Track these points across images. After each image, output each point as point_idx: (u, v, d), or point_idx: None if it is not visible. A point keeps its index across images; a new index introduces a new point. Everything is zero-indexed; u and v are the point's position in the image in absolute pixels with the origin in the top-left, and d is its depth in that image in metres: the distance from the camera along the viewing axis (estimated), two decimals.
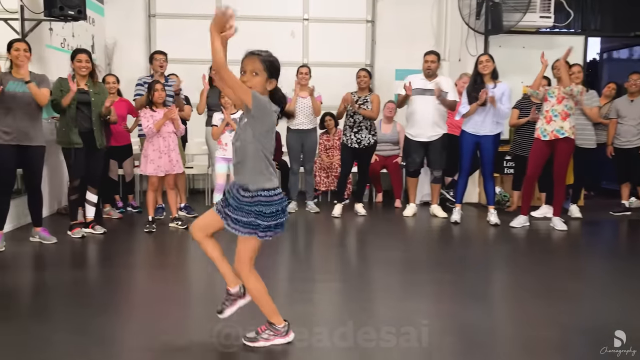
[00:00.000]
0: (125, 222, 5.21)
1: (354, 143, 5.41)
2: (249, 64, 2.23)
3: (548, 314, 2.93)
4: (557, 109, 4.75)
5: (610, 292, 3.40)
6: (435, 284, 3.50)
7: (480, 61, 4.99)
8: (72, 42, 5.94)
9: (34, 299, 3.23)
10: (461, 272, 3.79)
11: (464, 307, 3.02)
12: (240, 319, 2.54)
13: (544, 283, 3.49)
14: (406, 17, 7.16)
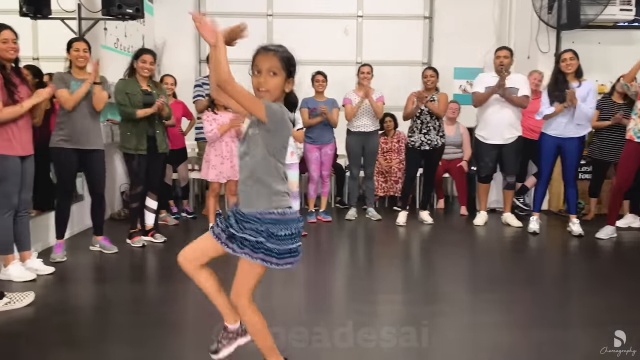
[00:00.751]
0: (183, 229, 5.00)
1: (424, 145, 5.06)
2: (264, 62, 1.88)
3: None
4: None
5: None
6: (515, 304, 3.15)
7: (563, 59, 4.58)
8: (124, 42, 5.78)
9: (94, 318, 2.96)
10: (544, 291, 3.42)
11: (546, 333, 2.66)
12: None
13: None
14: (466, 13, 6.80)
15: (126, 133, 4.11)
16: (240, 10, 6.77)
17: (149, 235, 4.35)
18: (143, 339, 2.59)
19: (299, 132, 4.67)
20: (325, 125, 5.24)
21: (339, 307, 3.15)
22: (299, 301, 3.27)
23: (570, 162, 4.68)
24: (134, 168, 4.13)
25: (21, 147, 3.22)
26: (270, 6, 6.85)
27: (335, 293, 3.51)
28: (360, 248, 4.84)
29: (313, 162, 5.23)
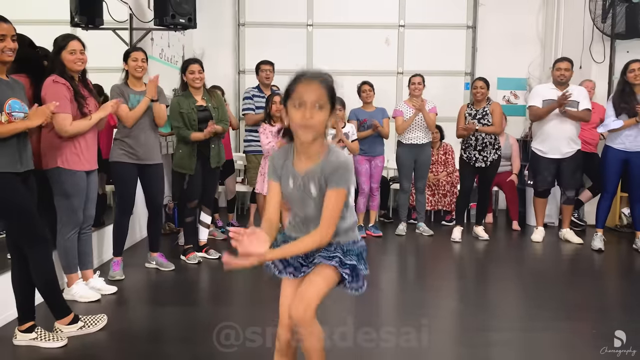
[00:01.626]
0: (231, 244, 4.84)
1: (479, 162, 4.90)
2: (309, 94, 1.62)
3: None
4: None
5: None
6: (575, 333, 2.91)
7: (631, 69, 4.41)
8: (167, 52, 5.70)
9: (156, 344, 2.78)
10: (612, 318, 3.16)
11: None
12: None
13: None
14: (510, 22, 6.66)
15: (178, 150, 4.00)
16: (281, 21, 6.70)
17: (203, 251, 4.22)
18: None
19: (353, 144, 4.53)
20: (376, 136, 5.10)
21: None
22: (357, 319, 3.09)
23: (638, 176, 4.49)
24: (189, 182, 4.00)
25: (88, 161, 3.10)
26: (310, 16, 6.75)
27: (396, 307, 3.33)
28: (415, 264, 4.67)
29: (363, 175, 5.08)
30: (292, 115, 1.65)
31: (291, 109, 1.65)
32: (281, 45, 6.65)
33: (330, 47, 6.70)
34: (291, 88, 1.66)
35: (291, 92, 1.65)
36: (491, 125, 4.88)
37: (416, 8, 6.72)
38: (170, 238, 4.84)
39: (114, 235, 3.70)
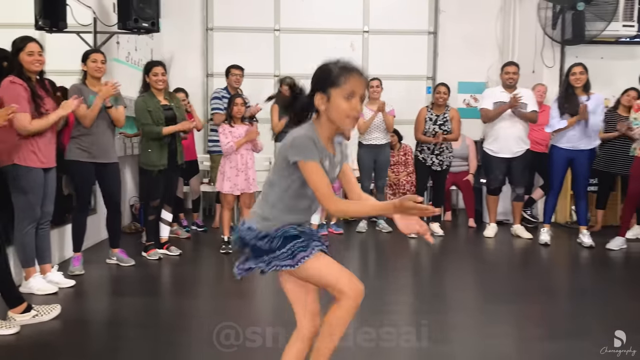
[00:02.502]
0: (195, 242, 4.98)
1: (435, 165, 5.15)
2: (361, 87, 1.70)
3: None
4: None
5: None
6: (522, 314, 3.18)
7: (573, 72, 4.69)
8: (135, 55, 5.81)
9: (115, 330, 2.93)
10: (553, 302, 3.44)
11: (557, 345, 2.67)
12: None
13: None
14: (469, 29, 6.91)
15: (147, 149, 4.12)
16: (248, 26, 6.86)
17: (164, 248, 4.34)
18: (161, 352, 2.58)
19: None
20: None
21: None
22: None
23: (582, 174, 4.76)
24: (152, 182, 4.13)
25: (45, 159, 3.22)
26: (277, 21, 6.93)
27: None
28: (373, 259, 4.86)
29: None
30: (339, 104, 1.67)
31: (339, 98, 1.67)
32: (249, 49, 6.81)
33: (297, 52, 6.88)
34: (341, 78, 1.67)
35: (341, 82, 1.67)
36: (451, 134, 5.17)
37: (380, 15, 6.94)
38: (136, 237, 4.95)
39: (73, 232, 3.81)
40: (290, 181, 1.73)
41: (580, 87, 4.68)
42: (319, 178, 1.66)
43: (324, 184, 1.67)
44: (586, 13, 5.54)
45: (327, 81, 1.69)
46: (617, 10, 5.65)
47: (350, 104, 1.67)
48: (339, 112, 1.68)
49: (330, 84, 1.68)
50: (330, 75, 1.69)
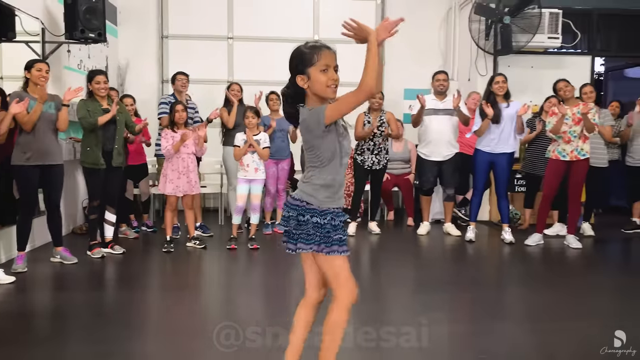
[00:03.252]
0: (142, 242, 5.22)
1: (374, 165, 5.49)
2: (332, 59, 1.95)
3: (569, 332, 2.94)
4: (575, 130, 4.83)
5: (630, 310, 3.42)
6: (451, 303, 3.52)
7: (496, 81, 5.08)
8: (88, 63, 6.03)
9: (55, 321, 3.21)
10: (477, 291, 3.80)
11: (482, 326, 3.03)
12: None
13: (563, 301, 3.52)
14: (414, 38, 7.25)
15: (86, 149, 4.36)
16: (202, 34, 7.13)
17: (108, 247, 4.58)
18: (100, 338, 2.83)
19: (264, 150, 4.90)
20: (282, 141, 5.57)
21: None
22: (256, 305, 3.57)
23: (502, 176, 5.15)
24: (93, 182, 4.38)
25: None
26: (230, 30, 7.21)
27: (288, 296, 3.82)
28: None
29: (270, 177, 5.55)
30: (318, 78, 1.89)
31: (316, 73, 1.89)
32: (203, 56, 7.09)
33: (250, 59, 7.17)
34: (314, 57, 1.89)
35: (315, 60, 1.89)
36: (393, 132, 5.55)
37: (329, 24, 7.25)
38: (86, 237, 5.14)
39: (18, 233, 4.03)
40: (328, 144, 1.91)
41: (501, 95, 5.07)
42: (344, 102, 1.87)
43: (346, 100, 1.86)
44: (512, 26, 5.96)
45: (303, 62, 1.91)
46: (543, 24, 6.07)
47: (327, 75, 1.91)
48: (320, 84, 1.91)
49: (307, 64, 1.91)
50: (304, 56, 1.92)
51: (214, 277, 4.43)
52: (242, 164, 4.84)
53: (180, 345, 2.76)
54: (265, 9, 7.20)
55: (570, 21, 6.48)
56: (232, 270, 4.48)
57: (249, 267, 4.50)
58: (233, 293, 3.88)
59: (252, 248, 4.80)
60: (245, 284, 4.06)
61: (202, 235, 5.34)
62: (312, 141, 1.94)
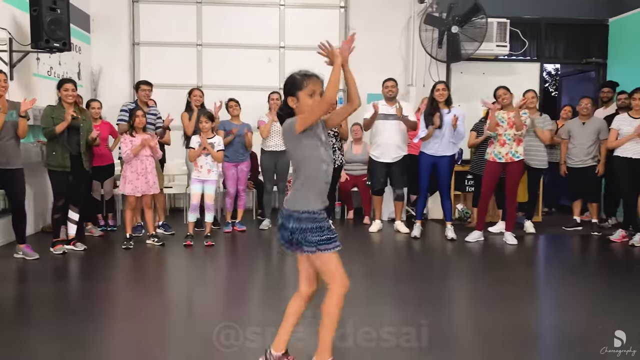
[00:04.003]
0: (106, 240, 5.52)
1: None
2: (319, 87, 2.27)
3: (505, 318, 3.25)
4: (509, 133, 5.17)
5: (545, 298, 3.77)
6: (397, 294, 3.82)
7: (437, 89, 5.41)
8: (59, 70, 6.31)
9: (16, 309, 3.54)
10: (420, 283, 4.12)
11: (426, 314, 3.29)
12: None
13: (489, 289, 3.89)
14: (377, 45, 7.58)
15: (51, 152, 4.67)
16: (172, 40, 7.43)
17: (71, 245, 4.88)
18: (62, 330, 3.14)
19: (218, 153, 5.21)
20: (241, 145, 5.88)
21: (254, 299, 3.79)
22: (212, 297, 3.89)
23: (444, 177, 5.49)
24: (56, 183, 4.68)
25: None
26: (200, 37, 7.52)
27: (245, 290, 4.14)
28: (264, 252, 5.45)
29: (230, 178, 5.87)
30: (305, 101, 2.22)
31: (304, 97, 2.22)
32: (173, 62, 7.41)
33: (218, 65, 7.49)
34: (303, 82, 2.23)
35: (304, 85, 2.23)
36: (341, 134, 5.87)
37: (294, 31, 7.59)
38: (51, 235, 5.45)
39: None
40: (304, 150, 2.22)
41: (442, 101, 5.40)
42: (311, 112, 2.18)
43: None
44: (460, 35, 6.30)
45: (294, 86, 2.25)
46: (491, 33, 6.42)
47: (313, 99, 2.23)
48: (306, 106, 2.22)
49: (297, 88, 2.24)
50: (295, 81, 2.26)
51: (167, 271, 4.73)
52: (196, 165, 5.16)
53: (131, 330, 3.08)
54: (232, 17, 7.52)
55: (518, 30, 6.83)
56: (184, 265, 4.79)
57: (202, 263, 4.81)
58: (183, 285, 4.21)
59: (207, 245, 5.11)
60: (197, 278, 4.39)
61: (164, 234, 5.65)
62: (289, 148, 2.30)
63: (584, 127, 6.01)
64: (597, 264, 5.08)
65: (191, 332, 3.01)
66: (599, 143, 5.93)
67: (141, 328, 3.12)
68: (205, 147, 5.13)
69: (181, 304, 3.74)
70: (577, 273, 4.56)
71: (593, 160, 5.94)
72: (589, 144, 5.95)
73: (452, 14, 6.27)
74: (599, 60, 7.11)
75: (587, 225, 6.19)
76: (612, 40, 7.05)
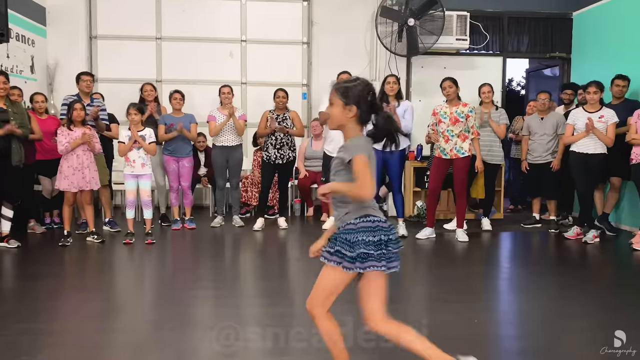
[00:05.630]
0: (47, 237, 5.36)
1: (277, 159, 5.66)
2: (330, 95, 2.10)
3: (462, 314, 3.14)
4: (452, 130, 5.05)
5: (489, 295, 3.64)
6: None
7: (387, 82, 5.27)
8: (7, 63, 6.14)
9: None
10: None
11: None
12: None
13: (433, 288, 3.73)
14: (341, 39, 7.46)
15: None
16: (130, 34, 7.27)
17: (4, 242, 4.72)
18: None
19: (150, 145, 5.09)
20: (183, 139, 5.73)
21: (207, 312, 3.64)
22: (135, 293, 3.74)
23: (394, 173, 5.35)
24: None
25: None
26: (159, 30, 7.36)
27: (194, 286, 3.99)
28: (209, 251, 5.30)
29: (171, 173, 5.72)
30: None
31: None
32: (132, 56, 7.25)
33: (178, 59, 7.33)
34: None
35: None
36: (295, 130, 5.70)
37: (256, 25, 7.43)
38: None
39: None
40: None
41: (393, 95, 5.26)
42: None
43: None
44: (418, 28, 6.16)
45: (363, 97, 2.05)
46: (451, 26, 6.28)
47: (332, 109, 2.08)
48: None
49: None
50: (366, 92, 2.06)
51: (99, 269, 4.53)
52: (127, 160, 5.01)
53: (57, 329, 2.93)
54: (193, 10, 7.35)
55: (479, 24, 6.70)
56: (120, 263, 4.64)
57: (138, 261, 4.66)
58: (112, 285, 4.05)
59: (147, 243, 4.96)
60: (130, 277, 4.24)
61: (110, 231, 5.50)
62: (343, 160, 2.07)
63: (543, 122, 5.89)
64: (548, 261, 4.93)
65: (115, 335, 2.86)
66: (557, 138, 5.81)
67: (68, 327, 2.96)
68: (136, 141, 4.97)
69: (107, 303, 3.56)
70: (527, 270, 4.43)
71: (552, 156, 5.81)
72: (547, 139, 5.82)
73: (409, 6, 6.13)
74: (562, 55, 6.98)
75: (547, 223, 6.07)
76: (576, 34, 6.92)
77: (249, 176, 6.69)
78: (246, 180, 6.62)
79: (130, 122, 4.97)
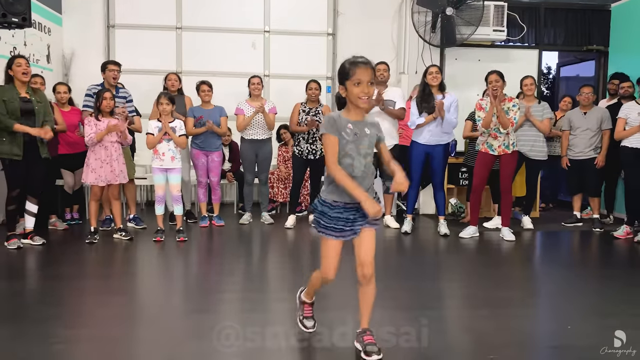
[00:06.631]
0: (70, 234, 5.08)
1: (309, 155, 5.40)
2: (366, 75, 2.20)
3: (499, 320, 2.92)
4: (500, 127, 4.81)
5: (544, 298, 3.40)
6: (388, 292, 3.41)
7: (429, 72, 5.02)
8: (24, 51, 5.85)
9: None
10: (412, 281, 3.73)
11: (417, 315, 2.94)
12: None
13: (486, 291, 3.50)
14: (367, 30, 7.21)
15: (1, 139, 4.22)
16: (150, 23, 6.99)
17: (28, 238, 4.44)
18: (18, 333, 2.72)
19: (180, 138, 4.84)
20: (212, 132, 5.45)
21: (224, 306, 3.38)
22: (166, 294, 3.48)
23: (437, 167, 5.10)
24: (9, 172, 4.24)
25: None
26: (179, 19, 7.08)
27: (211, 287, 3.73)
28: (243, 250, 5.05)
29: (199, 168, 5.45)
30: (351, 90, 2.20)
31: (351, 86, 2.19)
32: (151, 46, 6.97)
33: (199, 50, 7.06)
34: (350, 71, 2.19)
35: (351, 74, 2.18)
36: None
37: (280, 16, 7.18)
38: None
39: None
40: None
41: (435, 86, 5.01)
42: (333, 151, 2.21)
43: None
44: (455, 18, 5.91)
45: (342, 75, 2.23)
46: (488, 17, 6.04)
47: (359, 88, 2.18)
48: (352, 96, 2.21)
49: (345, 77, 2.22)
50: (343, 71, 2.23)
51: (130, 269, 4.26)
52: (156, 153, 4.73)
53: (86, 333, 2.66)
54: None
55: (516, 14, 6.46)
56: (151, 262, 4.36)
57: (171, 260, 4.39)
58: (145, 285, 3.79)
59: (178, 240, 4.69)
60: (162, 277, 3.97)
61: (135, 228, 5.23)
62: None
63: (586, 117, 5.65)
64: (600, 263, 4.71)
65: (151, 338, 2.59)
66: (601, 134, 5.58)
67: (97, 331, 2.70)
68: (166, 132, 4.70)
69: (142, 305, 3.31)
70: (580, 272, 4.19)
71: (594, 152, 5.59)
72: (591, 134, 5.59)
73: None
74: (600, 48, 6.74)
75: (588, 222, 5.84)
76: (615, 26, 6.68)
77: (274, 172, 6.43)
78: (272, 176, 6.35)
79: (162, 112, 4.69)
